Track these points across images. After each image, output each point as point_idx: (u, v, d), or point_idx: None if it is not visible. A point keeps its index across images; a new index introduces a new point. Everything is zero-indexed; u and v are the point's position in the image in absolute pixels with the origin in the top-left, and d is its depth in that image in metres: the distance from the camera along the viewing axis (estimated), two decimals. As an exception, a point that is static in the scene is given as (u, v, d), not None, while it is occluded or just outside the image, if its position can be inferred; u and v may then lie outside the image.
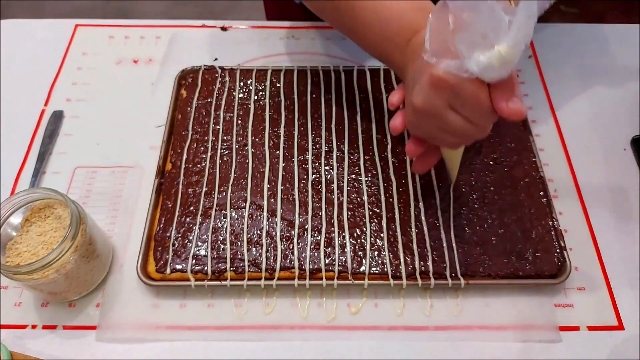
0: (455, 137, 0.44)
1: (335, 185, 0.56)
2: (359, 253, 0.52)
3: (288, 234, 0.53)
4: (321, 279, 0.51)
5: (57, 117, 0.64)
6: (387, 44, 0.48)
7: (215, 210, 0.55)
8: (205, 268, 0.51)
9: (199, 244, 0.53)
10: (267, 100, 0.64)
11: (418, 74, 0.42)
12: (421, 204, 0.55)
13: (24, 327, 0.50)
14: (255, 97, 0.64)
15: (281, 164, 0.58)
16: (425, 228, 0.53)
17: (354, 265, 0.51)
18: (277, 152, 0.59)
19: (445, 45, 0.38)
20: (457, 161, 0.51)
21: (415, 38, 0.45)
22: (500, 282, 0.51)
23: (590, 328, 0.50)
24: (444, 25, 0.37)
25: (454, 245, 0.52)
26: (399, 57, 0.47)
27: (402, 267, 0.51)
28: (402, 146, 0.59)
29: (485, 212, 0.55)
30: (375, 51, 0.51)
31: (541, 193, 0.56)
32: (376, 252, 0.52)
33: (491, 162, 0.58)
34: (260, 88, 0.65)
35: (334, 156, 0.59)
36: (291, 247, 0.52)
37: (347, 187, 0.56)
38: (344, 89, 0.65)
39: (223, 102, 0.63)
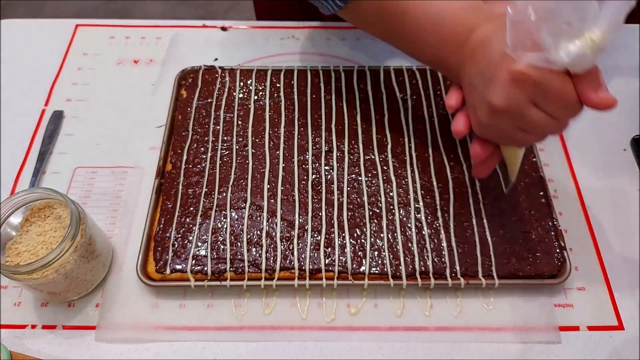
0: (533, 135, 0.43)
1: (335, 186, 0.56)
2: (359, 253, 0.52)
3: (288, 235, 0.53)
4: (321, 279, 0.50)
5: (57, 117, 0.64)
6: (441, 45, 0.47)
7: (215, 211, 0.55)
8: (205, 268, 0.51)
9: (199, 244, 0.53)
10: (267, 101, 0.64)
11: (492, 72, 0.40)
12: (421, 204, 0.55)
13: (23, 327, 0.50)
14: (255, 97, 0.64)
15: (281, 165, 0.58)
16: (425, 228, 0.53)
17: (354, 265, 0.51)
18: (277, 152, 0.59)
19: (526, 37, 0.36)
20: (519, 161, 0.49)
21: (472, 36, 0.44)
22: (500, 282, 0.51)
23: (590, 328, 0.50)
24: (523, 16, 0.36)
25: (453, 245, 0.52)
26: (455, 59, 0.46)
27: (402, 267, 0.51)
28: (401, 147, 0.59)
29: (485, 212, 0.55)
30: (425, 55, 0.50)
31: (541, 193, 0.56)
32: (376, 252, 0.52)
33: (491, 163, 0.58)
34: (260, 88, 0.65)
35: (334, 156, 0.59)
36: (291, 248, 0.52)
37: (347, 187, 0.56)
38: (344, 89, 0.65)
39: (223, 103, 0.63)
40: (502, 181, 0.53)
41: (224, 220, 0.54)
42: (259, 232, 0.53)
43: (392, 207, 0.55)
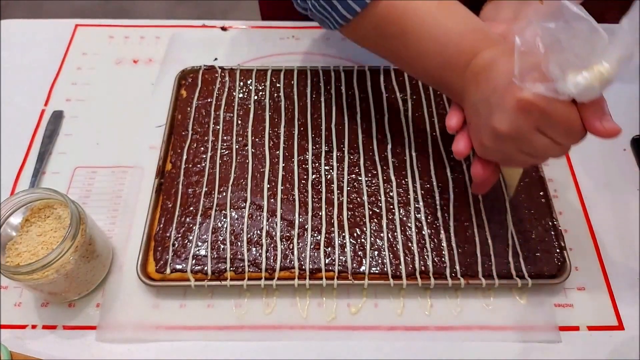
0: (535, 158, 0.44)
1: (335, 185, 0.56)
2: (359, 253, 0.52)
3: (288, 234, 0.53)
4: (321, 279, 0.51)
5: (57, 117, 0.64)
6: (444, 68, 0.47)
7: (215, 210, 0.55)
8: (205, 268, 0.51)
9: (199, 244, 0.53)
10: (267, 100, 0.64)
11: (497, 99, 0.40)
12: (421, 204, 0.55)
13: (24, 327, 0.50)
14: (255, 97, 0.64)
15: (281, 164, 0.58)
16: (425, 228, 0.53)
17: (354, 265, 0.51)
18: (277, 152, 0.59)
19: (534, 68, 0.37)
20: (517, 178, 0.51)
21: (475, 60, 0.44)
22: (500, 282, 0.51)
23: (590, 328, 0.50)
24: (531, 48, 0.37)
25: (453, 245, 0.52)
26: (458, 81, 0.46)
27: (402, 267, 0.51)
28: (401, 147, 0.59)
29: (485, 212, 0.54)
30: (428, 76, 0.50)
31: (541, 193, 0.56)
32: (376, 252, 0.52)
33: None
34: (260, 88, 0.65)
35: (334, 156, 0.59)
36: (291, 247, 0.52)
37: (347, 187, 0.56)
38: (344, 89, 0.65)
39: (223, 102, 0.63)
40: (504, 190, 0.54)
41: (224, 219, 0.54)
42: (259, 231, 0.53)
43: (392, 206, 0.55)
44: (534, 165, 0.48)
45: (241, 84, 0.65)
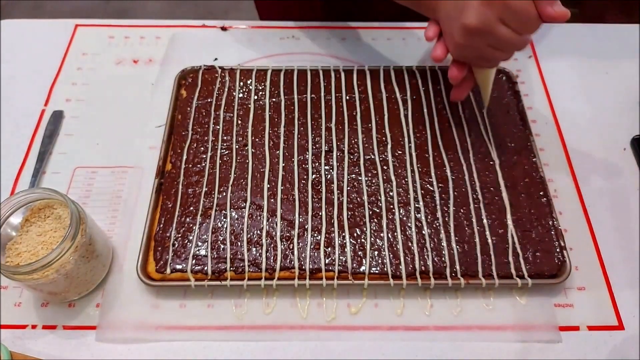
0: (502, 52, 0.51)
1: (335, 185, 0.56)
2: (359, 253, 0.52)
3: (288, 234, 0.53)
4: (321, 279, 0.51)
5: (57, 117, 0.64)
6: None
7: (215, 210, 0.55)
8: (205, 268, 0.51)
9: (199, 244, 0.53)
10: (267, 100, 0.64)
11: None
12: (421, 204, 0.55)
13: (24, 327, 0.50)
14: (255, 97, 0.64)
15: (281, 164, 0.58)
16: (425, 228, 0.53)
17: (354, 265, 0.51)
18: (277, 152, 0.59)
19: None
20: (490, 81, 0.58)
21: None
22: (500, 282, 0.51)
23: (590, 328, 0.50)
24: None
25: (453, 245, 0.52)
26: None
27: (402, 266, 0.51)
28: (401, 147, 0.59)
29: (485, 212, 0.55)
30: None
31: (541, 193, 0.56)
32: (376, 252, 0.52)
33: (491, 162, 0.58)
34: (260, 88, 0.65)
35: (334, 156, 0.59)
36: (291, 247, 0.52)
37: (347, 187, 0.56)
38: (344, 89, 0.65)
39: (223, 102, 0.63)
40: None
41: (224, 219, 0.54)
42: (259, 231, 0.53)
43: (392, 206, 0.55)
44: (502, 60, 0.53)
45: (241, 84, 0.65)
